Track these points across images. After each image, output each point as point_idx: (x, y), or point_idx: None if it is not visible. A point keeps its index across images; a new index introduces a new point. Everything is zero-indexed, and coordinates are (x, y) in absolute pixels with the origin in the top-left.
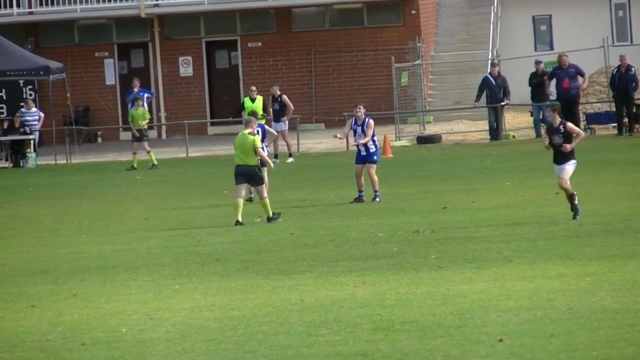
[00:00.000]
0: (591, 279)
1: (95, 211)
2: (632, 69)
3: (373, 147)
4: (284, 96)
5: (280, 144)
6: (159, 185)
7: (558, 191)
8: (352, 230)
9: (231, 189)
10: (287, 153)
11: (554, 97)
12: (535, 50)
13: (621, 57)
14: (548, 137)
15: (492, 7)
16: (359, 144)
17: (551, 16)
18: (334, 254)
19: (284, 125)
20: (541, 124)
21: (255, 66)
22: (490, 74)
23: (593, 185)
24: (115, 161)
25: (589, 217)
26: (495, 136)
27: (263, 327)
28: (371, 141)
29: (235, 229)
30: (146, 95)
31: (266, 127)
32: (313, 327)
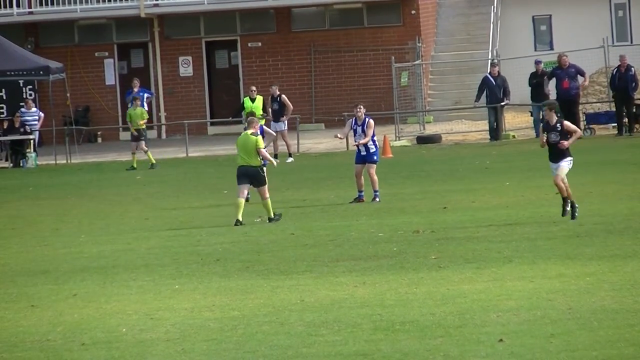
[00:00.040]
0: (591, 279)
1: (95, 211)
2: (632, 69)
3: (373, 147)
4: (283, 96)
5: (280, 144)
6: (159, 185)
7: (557, 191)
8: (352, 230)
9: (231, 189)
10: (287, 153)
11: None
12: (535, 50)
13: (621, 57)
14: (543, 135)
15: (492, 7)
16: (359, 144)
17: (551, 16)
18: (334, 254)
19: (284, 125)
20: (541, 124)
21: (255, 66)
22: (490, 74)
23: (593, 185)
24: (115, 161)
25: (589, 217)
26: (495, 136)
27: (263, 327)
28: (371, 141)
29: (235, 229)
30: (146, 95)
31: (264, 128)
32: (313, 327)
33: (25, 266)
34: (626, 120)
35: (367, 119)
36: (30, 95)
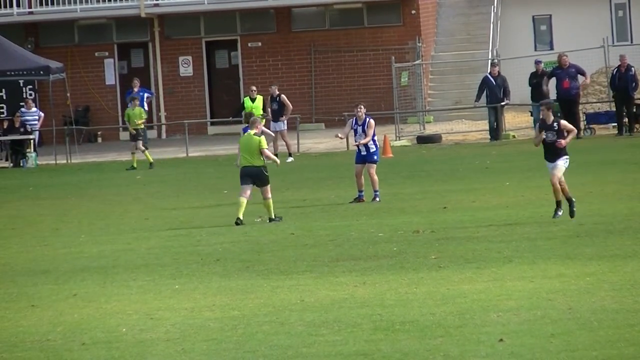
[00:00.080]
0: (591, 279)
1: (95, 211)
2: (632, 69)
3: (373, 147)
4: (283, 96)
5: (279, 144)
6: (159, 185)
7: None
8: (352, 230)
9: (231, 189)
10: (287, 153)
11: (552, 97)
12: (535, 50)
13: (621, 57)
14: (542, 134)
15: (492, 7)
16: (360, 144)
17: (551, 16)
18: (334, 254)
19: (283, 125)
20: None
21: (255, 66)
22: (490, 74)
23: (593, 185)
24: (115, 161)
25: (589, 217)
26: (495, 136)
27: (263, 327)
28: (371, 141)
29: (235, 229)
30: (146, 95)
31: (263, 128)
32: (313, 327)
33: (25, 266)
34: (626, 120)
35: (368, 119)
36: (30, 95)
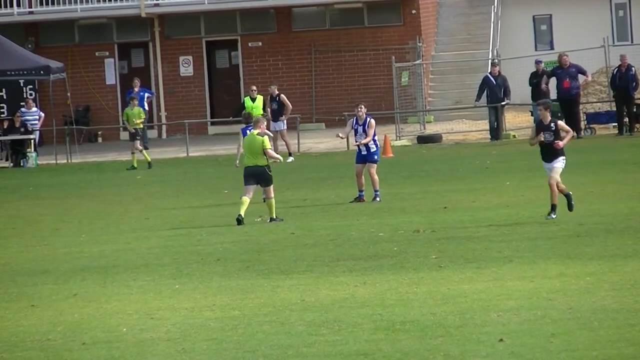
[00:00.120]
0: (591, 279)
1: (95, 211)
2: (633, 69)
3: (374, 147)
4: (282, 95)
5: (279, 144)
6: (159, 185)
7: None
8: (353, 229)
9: (231, 189)
10: (287, 152)
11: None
12: (535, 49)
13: (622, 57)
14: (540, 135)
15: (493, 7)
16: (361, 144)
17: (551, 16)
18: (335, 254)
19: (283, 124)
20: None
21: (255, 66)
22: (490, 74)
23: (593, 185)
24: (115, 161)
25: (590, 217)
26: (495, 136)
27: (263, 327)
28: (372, 141)
29: (235, 229)
30: (147, 94)
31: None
32: (313, 327)
33: (25, 266)
34: (627, 119)
35: (369, 119)
36: (30, 94)
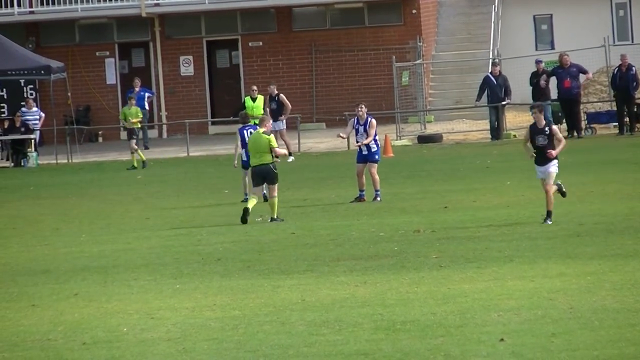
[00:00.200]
0: (592, 278)
1: (96, 211)
2: (633, 69)
3: (374, 147)
4: (282, 95)
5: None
6: (160, 184)
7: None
8: (353, 229)
9: (231, 189)
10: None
11: (553, 96)
12: (536, 49)
13: (622, 57)
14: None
15: (493, 7)
16: (362, 144)
17: (552, 15)
18: (335, 254)
19: (282, 124)
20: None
21: (256, 66)
22: (491, 73)
23: (594, 184)
24: (115, 161)
25: (590, 217)
26: (496, 135)
27: (264, 327)
28: (372, 140)
29: (236, 229)
30: (147, 94)
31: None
32: (314, 327)
33: (26, 265)
34: (627, 119)
35: (370, 119)
36: (31, 94)
